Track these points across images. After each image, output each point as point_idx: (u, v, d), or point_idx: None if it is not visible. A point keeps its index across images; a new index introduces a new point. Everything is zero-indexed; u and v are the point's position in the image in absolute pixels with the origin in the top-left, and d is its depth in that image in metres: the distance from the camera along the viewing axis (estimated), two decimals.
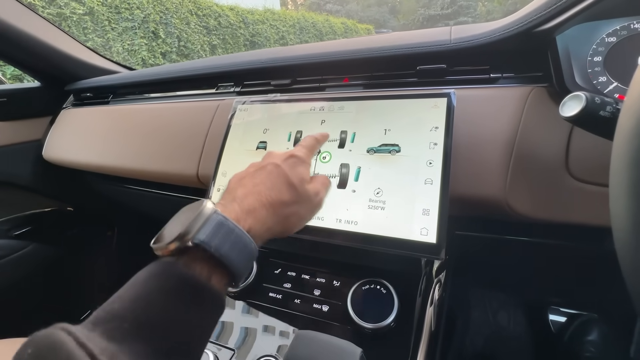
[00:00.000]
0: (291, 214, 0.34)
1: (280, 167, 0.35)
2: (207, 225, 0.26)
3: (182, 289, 0.24)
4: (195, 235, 0.26)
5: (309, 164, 0.39)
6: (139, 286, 0.24)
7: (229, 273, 0.27)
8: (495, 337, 0.88)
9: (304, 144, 0.41)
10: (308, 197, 0.36)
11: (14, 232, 0.99)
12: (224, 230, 0.27)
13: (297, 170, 0.36)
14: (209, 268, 0.26)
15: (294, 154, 0.37)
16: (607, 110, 0.30)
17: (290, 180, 0.34)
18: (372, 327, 0.44)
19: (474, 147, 0.47)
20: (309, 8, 18.10)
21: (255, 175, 0.34)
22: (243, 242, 0.28)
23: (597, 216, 0.43)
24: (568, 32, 0.44)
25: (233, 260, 0.27)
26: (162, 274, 0.25)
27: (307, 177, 0.37)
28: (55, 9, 3.98)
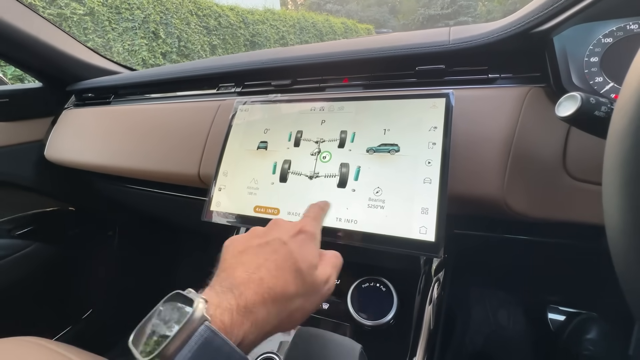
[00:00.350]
0: (295, 310, 0.29)
1: (287, 245, 0.31)
2: (190, 342, 0.23)
3: None
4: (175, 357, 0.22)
5: (319, 239, 0.35)
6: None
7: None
8: (495, 336, 0.88)
9: (312, 215, 0.37)
10: (317, 288, 0.31)
11: (16, 232, 1.00)
12: (210, 352, 0.23)
13: (306, 250, 0.31)
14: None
15: (303, 229, 0.33)
16: (602, 110, 0.31)
17: (299, 266, 0.30)
18: (372, 324, 0.44)
19: (472, 146, 0.47)
20: (309, 8, 18.10)
21: (259, 252, 0.30)
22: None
23: (595, 214, 0.44)
24: (565, 33, 0.45)
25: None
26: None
27: (316, 260, 0.32)
28: (55, 9, 3.99)
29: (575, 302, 0.87)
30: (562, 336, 0.84)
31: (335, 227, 0.46)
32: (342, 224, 0.46)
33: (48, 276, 1.04)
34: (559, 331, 0.85)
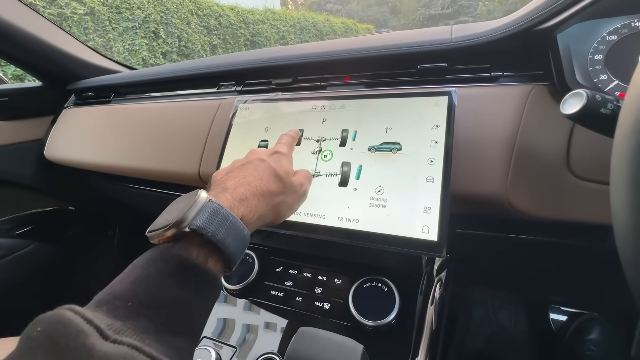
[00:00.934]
0: (280, 203, 0.37)
1: (265, 161, 0.38)
2: (203, 212, 0.28)
3: (180, 272, 0.25)
4: (192, 222, 0.27)
5: (290, 158, 0.41)
6: (138, 270, 0.25)
7: (224, 257, 0.28)
8: (496, 336, 0.88)
9: (284, 141, 0.43)
10: (294, 188, 0.38)
11: (15, 231, 1.00)
12: (219, 217, 0.28)
13: (282, 163, 0.39)
14: (205, 252, 0.27)
15: (277, 150, 0.40)
16: (608, 107, 0.30)
17: (277, 172, 0.37)
18: (374, 325, 0.44)
19: (475, 145, 0.47)
20: (309, 8, 18.10)
21: (243, 168, 0.37)
22: (237, 229, 0.29)
23: (599, 214, 0.43)
24: (569, 30, 0.44)
25: (228, 246, 0.28)
26: (160, 258, 0.26)
27: (291, 170, 0.40)
28: (56, 9, 3.99)
29: (577, 303, 0.86)
30: (564, 336, 0.83)
31: (336, 227, 0.46)
32: (343, 223, 0.45)
33: (48, 275, 1.04)
34: (560, 331, 0.85)
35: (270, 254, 0.58)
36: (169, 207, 0.31)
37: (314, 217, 0.47)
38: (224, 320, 0.51)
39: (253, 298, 0.53)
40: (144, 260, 0.26)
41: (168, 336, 0.23)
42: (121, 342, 0.20)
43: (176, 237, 0.27)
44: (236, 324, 0.51)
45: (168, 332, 0.23)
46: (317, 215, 0.47)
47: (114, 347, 0.19)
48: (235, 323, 0.51)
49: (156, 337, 0.22)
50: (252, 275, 0.53)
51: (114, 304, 0.23)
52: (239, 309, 0.52)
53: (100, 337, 0.20)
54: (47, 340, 0.19)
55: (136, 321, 0.22)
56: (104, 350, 0.19)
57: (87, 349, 0.18)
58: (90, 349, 0.18)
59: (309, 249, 0.56)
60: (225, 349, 0.47)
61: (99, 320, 0.21)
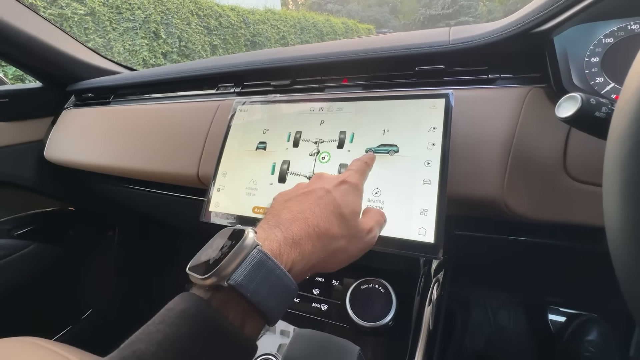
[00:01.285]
0: (339, 250, 0.31)
1: (331, 193, 0.32)
2: (245, 263, 0.24)
3: (213, 336, 0.23)
4: (232, 275, 0.24)
5: (361, 192, 0.35)
6: (168, 327, 0.22)
7: (264, 318, 0.25)
8: (495, 337, 0.88)
9: (355, 168, 0.37)
10: (360, 233, 0.33)
11: (15, 232, 1.00)
12: (263, 272, 0.25)
13: (349, 199, 0.33)
14: (243, 313, 0.25)
15: (347, 180, 0.34)
16: (603, 111, 0.30)
17: (342, 211, 0.31)
18: (371, 326, 0.44)
19: (471, 147, 0.47)
20: (309, 8, 18.11)
21: (303, 199, 0.31)
22: (283, 285, 0.26)
23: (595, 216, 0.43)
24: (565, 33, 0.44)
25: (270, 307, 0.25)
26: (193, 317, 0.23)
27: (359, 209, 0.34)
28: (56, 9, 4.00)
29: (575, 304, 0.86)
30: (562, 337, 0.84)
31: None
32: None
33: (48, 276, 1.04)
34: (559, 332, 0.85)
35: None
36: (215, 237, 0.28)
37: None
38: None
39: None
40: (176, 314, 0.23)
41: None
42: None
43: (215, 288, 0.24)
44: None
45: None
46: None
47: None
48: None
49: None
50: None
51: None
52: None
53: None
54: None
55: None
56: None
57: None
58: None
59: None
60: None
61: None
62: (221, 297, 0.24)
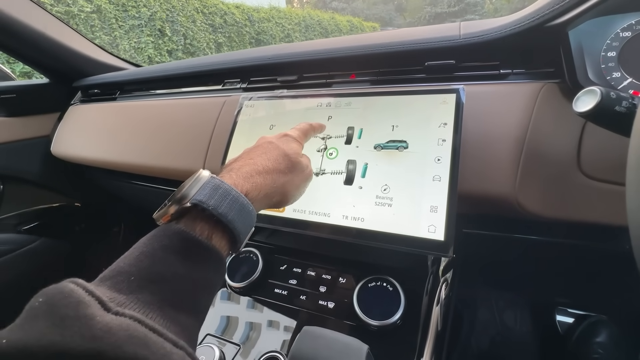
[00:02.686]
0: (287, 182, 0.36)
1: (274, 142, 0.38)
2: (204, 187, 0.27)
3: (184, 247, 0.25)
4: (193, 197, 0.26)
5: (301, 143, 0.41)
6: (142, 246, 0.25)
7: (228, 233, 0.28)
8: (502, 338, 0.87)
9: (299, 127, 0.43)
10: (301, 168, 0.38)
11: (22, 227, 1.01)
12: (220, 192, 0.27)
13: (291, 145, 0.38)
14: (209, 227, 0.27)
15: (288, 134, 0.40)
16: (623, 105, 0.29)
17: (285, 152, 0.37)
18: (379, 325, 0.43)
19: (483, 144, 0.46)
20: (314, 6, 18.04)
21: (251, 152, 0.36)
22: (240, 203, 0.28)
23: (610, 215, 0.42)
24: (581, 26, 0.43)
25: (232, 220, 0.27)
26: (163, 235, 0.26)
27: (300, 151, 0.39)
28: (63, 6, 4.02)
29: (584, 305, 0.85)
30: (570, 339, 0.82)
31: (341, 225, 0.45)
32: (348, 222, 0.45)
33: (54, 271, 1.04)
34: (567, 334, 0.84)
35: (274, 252, 0.57)
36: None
37: (318, 215, 0.47)
38: (228, 317, 0.51)
39: (257, 296, 0.53)
40: (148, 237, 0.26)
41: (172, 311, 0.23)
42: (123, 314, 0.20)
43: (179, 213, 0.27)
44: (240, 322, 0.50)
45: (172, 307, 0.23)
46: (322, 213, 0.47)
47: (115, 319, 0.19)
48: (239, 321, 0.51)
49: (160, 311, 0.22)
50: (256, 273, 0.53)
51: (117, 278, 0.22)
52: (242, 307, 0.52)
53: (102, 308, 0.19)
54: (47, 310, 0.19)
55: (139, 295, 0.22)
56: (104, 321, 0.18)
57: (87, 318, 0.18)
58: (90, 318, 0.18)
59: (314, 247, 0.56)
60: (228, 347, 0.47)
61: (101, 292, 0.20)
62: (185, 219, 0.27)
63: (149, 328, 0.20)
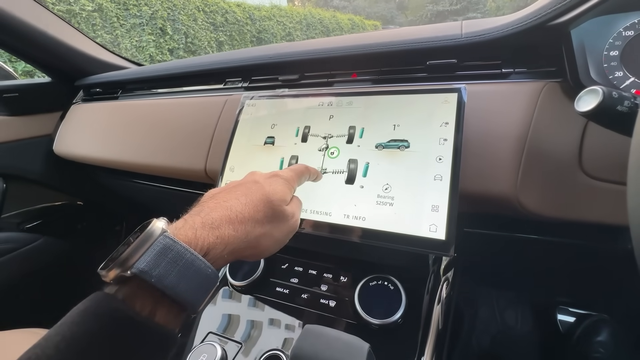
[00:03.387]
0: (263, 236, 0.31)
1: (259, 183, 0.33)
2: (150, 250, 0.23)
3: (120, 332, 0.22)
4: (135, 264, 0.23)
5: (292, 187, 0.37)
6: (67, 328, 0.21)
7: (177, 305, 0.24)
8: (503, 337, 0.87)
9: (293, 167, 0.39)
10: (285, 219, 0.33)
11: (25, 225, 1.01)
12: (170, 256, 0.24)
13: (278, 188, 0.34)
14: (153, 301, 0.23)
15: (279, 174, 0.36)
16: (625, 105, 0.29)
17: (268, 197, 0.32)
18: (380, 323, 0.44)
19: (484, 143, 0.46)
20: (315, 4, 17.99)
21: (233, 190, 0.32)
22: (195, 269, 0.24)
23: (611, 214, 0.42)
24: (584, 25, 0.43)
25: (180, 291, 0.24)
26: (93, 312, 0.22)
27: (287, 198, 0.35)
28: (64, 5, 4.03)
29: (586, 304, 0.85)
30: (571, 338, 0.82)
31: (343, 224, 0.45)
32: (350, 221, 0.45)
33: (56, 269, 1.05)
34: (568, 333, 0.84)
35: None
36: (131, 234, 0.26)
37: (320, 214, 0.47)
38: (230, 316, 0.52)
39: (258, 295, 0.53)
40: (77, 313, 0.22)
41: None
42: None
43: (120, 280, 0.23)
44: (241, 320, 0.51)
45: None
46: (323, 212, 0.47)
47: None
48: (240, 319, 0.51)
49: None
50: (257, 272, 0.53)
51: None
52: (244, 305, 0.52)
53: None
54: None
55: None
56: None
57: None
58: None
59: (315, 246, 0.56)
60: (230, 345, 0.48)
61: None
62: (127, 289, 0.23)
63: None
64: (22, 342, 0.57)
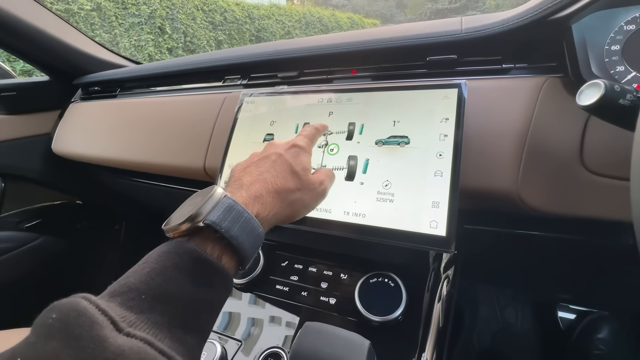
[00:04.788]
0: (296, 200, 0.35)
1: (283, 156, 0.36)
2: (217, 207, 0.28)
3: (194, 267, 0.25)
4: (207, 217, 0.27)
5: (310, 153, 0.40)
6: (153, 263, 0.25)
7: (237, 254, 0.28)
8: (504, 334, 0.87)
9: (305, 133, 0.42)
10: (312, 185, 0.37)
11: (24, 225, 1.01)
12: (233, 214, 0.28)
13: (300, 159, 0.37)
14: (220, 249, 0.27)
15: (296, 144, 0.39)
16: (627, 98, 0.29)
17: (294, 169, 0.36)
18: (380, 320, 0.43)
19: (485, 139, 0.46)
20: (314, 3, 17.95)
21: (260, 164, 0.36)
22: (251, 226, 0.29)
23: (613, 210, 0.42)
24: (585, 20, 0.43)
25: (242, 242, 0.28)
26: (175, 252, 0.26)
27: (309, 166, 0.38)
28: (63, 4, 4.02)
29: (586, 301, 0.85)
30: (572, 335, 0.82)
31: (343, 221, 0.45)
32: (350, 218, 0.45)
33: (56, 268, 1.05)
34: (569, 330, 0.84)
35: (275, 248, 0.57)
36: (185, 202, 0.31)
37: (319, 211, 0.47)
38: (230, 314, 0.51)
39: (258, 292, 0.53)
40: (159, 253, 0.26)
41: (180, 332, 0.23)
42: (134, 336, 0.20)
43: (191, 231, 0.27)
44: (242, 318, 0.50)
45: (180, 327, 0.23)
46: (323, 209, 0.47)
47: (127, 341, 0.19)
48: (240, 317, 0.51)
49: (169, 332, 0.22)
50: (257, 270, 0.53)
51: (128, 295, 0.23)
52: (244, 303, 0.52)
53: (114, 329, 0.20)
54: (62, 329, 0.19)
55: (150, 315, 0.22)
56: (117, 343, 0.19)
57: (101, 340, 0.19)
58: (104, 340, 0.19)
59: (315, 243, 0.55)
60: (230, 343, 0.47)
61: (113, 311, 0.21)
62: (198, 237, 0.27)
63: (159, 350, 0.20)
64: None
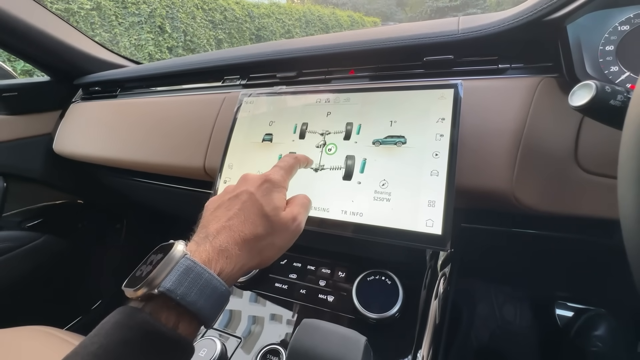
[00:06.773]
0: (266, 246, 0.33)
1: (254, 195, 0.34)
2: (174, 270, 0.26)
3: (145, 342, 0.24)
4: (162, 283, 0.26)
5: (285, 187, 0.37)
6: (103, 337, 0.24)
7: (197, 319, 0.27)
8: (501, 331, 0.88)
9: (282, 164, 0.39)
10: (283, 226, 0.34)
11: (26, 224, 1.02)
12: (192, 276, 0.27)
13: (271, 197, 0.35)
14: (176, 315, 0.26)
15: (269, 179, 0.36)
16: (618, 99, 0.30)
17: (264, 210, 0.33)
18: (377, 317, 0.44)
19: (481, 138, 0.46)
20: (315, 1, 17.90)
21: (230, 206, 0.34)
22: (212, 287, 0.27)
23: (607, 209, 0.43)
24: (579, 20, 0.43)
25: (201, 307, 0.27)
26: (126, 324, 0.25)
27: (282, 204, 0.36)
28: (63, 4, 4.02)
29: (583, 298, 0.85)
30: (569, 332, 0.83)
31: (340, 220, 0.46)
32: (347, 217, 0.46)
33: (58, 268, 1.06)
34: (566, 327, 0.84)
35: None
36: (150, 254, 0.30)
37: (317, 210, 0.47)
38: (230, 311, 0.52)
39: (258, 290, 0.54)
40: (112, 324, 0.25)
41: None
42: None
43: (146, 297, 0.26)
44: (241, 316, 0.51)
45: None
46: (321, 208, 0.47)
47: None
48: (240, 314, 0.51)
49: None
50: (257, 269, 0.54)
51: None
52: (244, 301, 0.53)
53: None
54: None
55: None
56: None
57: None
58: None
59: (313, 242, 0.56)
60: (230, 340, 0.48)
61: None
62: (153, 304, 0.26)
63: None
64: (30, 338, 0.57)
